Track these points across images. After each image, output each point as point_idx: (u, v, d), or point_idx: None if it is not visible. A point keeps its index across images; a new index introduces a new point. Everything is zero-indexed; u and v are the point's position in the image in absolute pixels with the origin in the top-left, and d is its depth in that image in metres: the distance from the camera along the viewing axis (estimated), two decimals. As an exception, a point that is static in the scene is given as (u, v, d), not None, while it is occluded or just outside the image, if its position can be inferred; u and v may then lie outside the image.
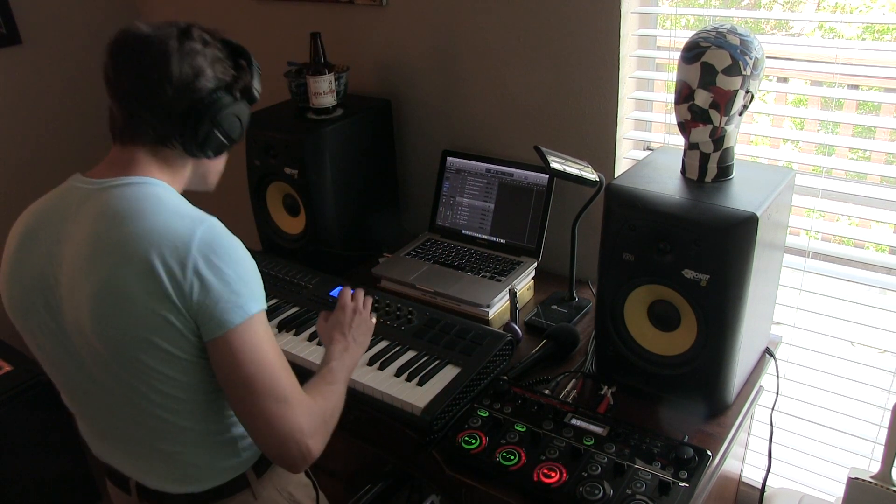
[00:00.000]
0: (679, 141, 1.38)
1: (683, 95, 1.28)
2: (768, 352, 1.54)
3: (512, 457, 1.26)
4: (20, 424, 2.02)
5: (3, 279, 1.13)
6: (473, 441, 1.31)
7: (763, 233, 1.23)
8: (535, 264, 1.83)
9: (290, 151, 1.86)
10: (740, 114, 1.29)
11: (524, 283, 1.80)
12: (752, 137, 1.82)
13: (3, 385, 2.00)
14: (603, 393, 1.42)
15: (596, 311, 1.45)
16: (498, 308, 1.72)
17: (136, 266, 1.01)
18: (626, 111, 1.76)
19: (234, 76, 1.13)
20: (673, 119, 1.36)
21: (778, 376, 1.53)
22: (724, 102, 1.25)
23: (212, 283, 1.01)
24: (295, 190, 1.91)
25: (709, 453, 1.24)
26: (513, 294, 1.66)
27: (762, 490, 1.65)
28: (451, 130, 2.04)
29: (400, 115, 2.12)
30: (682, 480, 1.18)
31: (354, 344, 1.32)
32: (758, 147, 1.91)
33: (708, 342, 1.30)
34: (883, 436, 1.50)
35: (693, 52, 1.25)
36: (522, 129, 1.89)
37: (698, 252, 1.24)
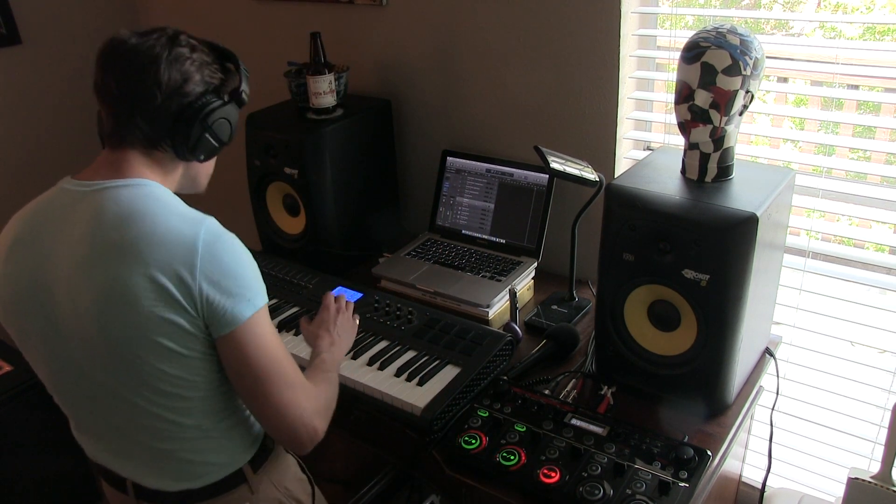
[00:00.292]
0: (679, 141, 1.38)
1: (683, 95, 1.28)
2: (768, 352, 1.54)
3: (512, 457, 1.26)
4: (20, 424, 2.02)
5: None
6: (473, 441, 1.31)
7: (763, 233, 1.23)
8: (535, 264, 1.83)
9: (290, 151, 1.86)
10: (740, 114, 1.29)
11: (524, 283, 1.80)
12: (752, 137, 1.82)
13: (3, 385, 2.00)
14: (603, 393, 1.42)
15: (596, 311, 1.45)
16: (498, 308, 1.72)
17: (141, 271, 1.01)
18: (626, 111, 1.76)
19: (223, 79, 1.14)
20: (673, 119, 1.36)
21: (778, 376, 1.53)
22: (724, 102, 1.25)
23: (221, 283, 1.03)
24: (295, 190, 1.91)
25: (709, 453, 1.24)
26: (513, 294, 1.66)
27: (762, 490, 1.65)
28: (451, 130, 2.04)
29: (400, 115, 2.12)
30: (682, 480, 1.18)
31: (339, 339, 1.36)
32: (758, 147, 1.91)
33: (708, 342, 1.30)
34: (883, 436, 1.50)
35: (693, 52, 1.25)
36: (522, 129, 1.89)
37: (698, 252, 1.24)
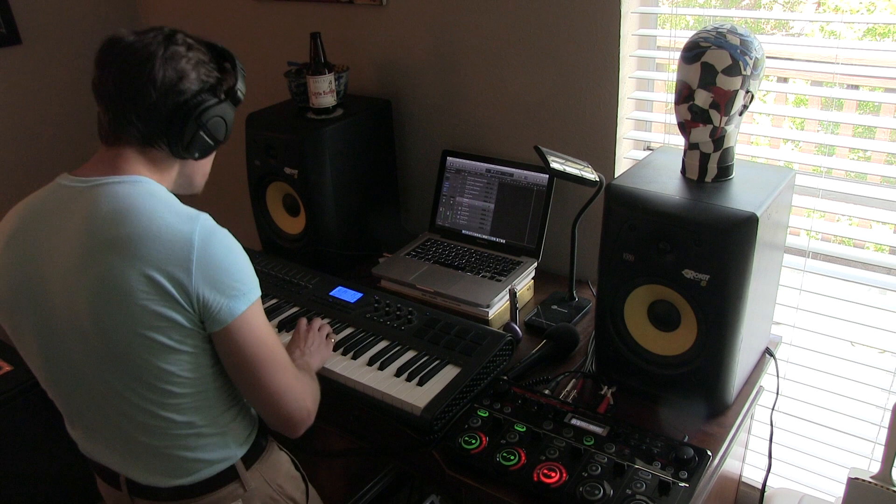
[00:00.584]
0: (679, 141, 1.38)
1: (683, 95, 1.28)
2: (768, 352, 1.54)
3: (512, 457, 1.26)
4: (20, 424, 2.02)
5: None
6: (473, 441, 1.30)
7: (763, 233, 1.23)
8: (535, 264, 1.83)
9: (290, 151, 1.86)
10: (740, 114, 1.29)
11: (524, 283, 1.80)
12: (752, 137, 1.82)
13: (3, 385, 2.00)
14: (603, 393, 1.42)
15: (596, 311, 1.45)
16: (498, 308, 1.72)
17: (136, 267, 1.02)
18: (626, 111, 1.76)
19: (219, 78, 1.15)
20: (673, 119, 1.36)
21: (778, 376, 1.53)
22: (724, 102, 1.25)
23: (217, 279, 1.05)
24: (295, 190, 1.91)
25: (709, 453, 1.24)
26: (513, 294, 1.66)
27: (762, 490, 1.65)
28: (451, 130, 2.04)
29: (400, 115, 2.12)
30: (682, 480, 1.18)
31: (310, 355, 1.40)
32: (758, 147, 1.91)
33: (708, 342, 1.30)
34: (883, 436, 1.50)
35: (693, 52, 1.25)
36: (522, 129, 1.89)
37: (698, 252, 1.24)
